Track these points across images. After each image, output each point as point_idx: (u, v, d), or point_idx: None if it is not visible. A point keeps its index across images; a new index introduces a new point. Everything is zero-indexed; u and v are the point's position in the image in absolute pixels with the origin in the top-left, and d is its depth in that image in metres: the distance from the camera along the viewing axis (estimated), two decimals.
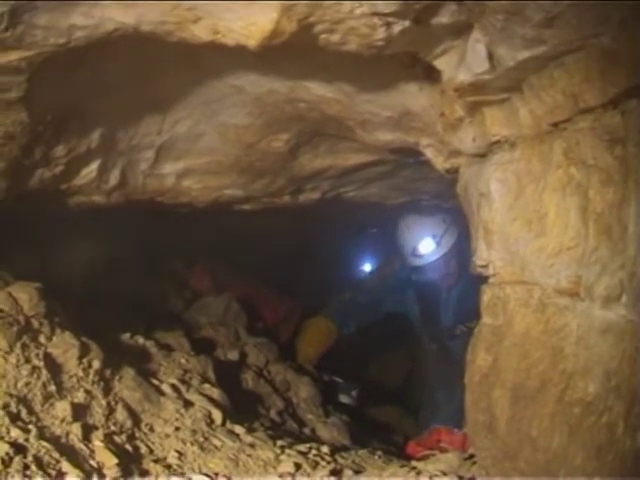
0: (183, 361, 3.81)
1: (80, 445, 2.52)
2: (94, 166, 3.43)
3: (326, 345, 5.93)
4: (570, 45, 2.02)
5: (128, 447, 2.69)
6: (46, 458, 2.29)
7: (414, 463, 3.23)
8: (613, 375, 1.92)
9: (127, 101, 3.18)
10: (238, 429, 3.19)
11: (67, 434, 2.56)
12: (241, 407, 3.70)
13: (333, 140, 3.90)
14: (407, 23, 2.10)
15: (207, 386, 3.57)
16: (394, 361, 6.84)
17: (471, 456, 2.95)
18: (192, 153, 3.76)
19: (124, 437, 2.74)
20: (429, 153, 3.35)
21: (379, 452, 3.59)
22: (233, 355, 4.57)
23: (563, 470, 2.07)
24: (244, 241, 6.65)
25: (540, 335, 2.33)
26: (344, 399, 5.50)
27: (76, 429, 2.58)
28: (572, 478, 2.03)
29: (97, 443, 2.57)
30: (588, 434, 1.98)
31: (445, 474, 2.94)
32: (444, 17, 2.12)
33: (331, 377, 5.66)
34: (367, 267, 7.70)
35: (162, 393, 3.24)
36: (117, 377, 3.08)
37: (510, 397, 2.46)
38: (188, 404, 3.22)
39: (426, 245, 5.40)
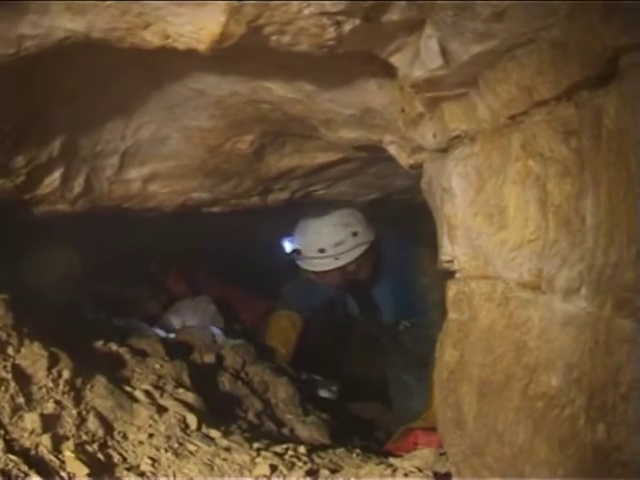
0: (157, 366, 3.78)
1: (50, 456, 2.50)
2: (57, 174, 3.41)
3: (294, 337, 5.84)
4: (520, 38, 2.01)
5: (100, 456, 2.67)
6: (14, 471, 2.27)
7: (391, 460, 3.24)
8: (574, 368, 1.91)
9: (88, 108, 3.17)
10: (214, 433, 3.17)
11: (37, 446, 2.53)
12: (218, 410, 3.68)
13: (299, 140, 3.90)
14: (357, 21, 2.09)
15: (182, 391, 3.55)
16: (373, 357, 6.82)
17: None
18: (157, 157, 3.74)
19: (96, 446, 2.72)
20: (393, 150, 3.35)
21: (357, 450, 3.59)
22: (209, 358, 4.55)
23: (529, 464, 2.07)
24: (220, 242, 6.64)
25: (504, 329, 2.33)
26: (325, 394, 5.47)
27: (46, 440, 2.56)
28: (537, 472, 2.03)
29: (68, 454, 2.55)
30: (551, 428, 1.98)
31: (421, 470, 2.95)
32: (394, 14, 2.10)
33: (310, 375, 5.63)
34: None
35: (135, 400, 3.22)
36: (88, 386, 3.06)
37: (477, 393, 2.46)
38: (162, 410, 3.20)
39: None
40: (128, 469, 2.65)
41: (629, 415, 1.63)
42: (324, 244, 5.20)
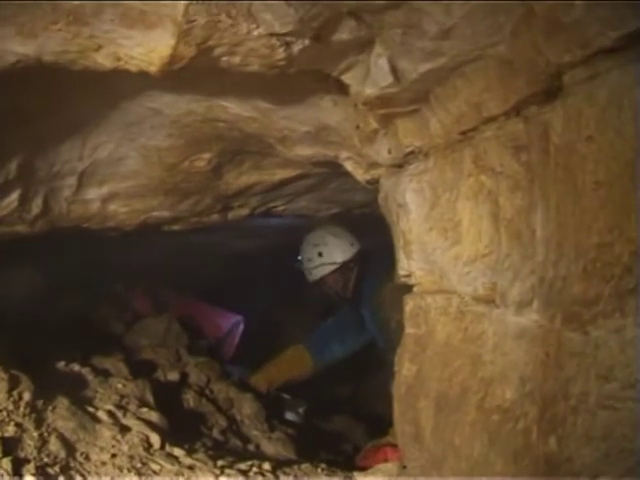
0: (120, 386, 3.76)
1: None
2: (14, 196, 3.39)
3: (295, 375, 5.77)
4: (468, 56, 2.04)
5: (62, 478, 2.65)
6: None
7: (356, 474, 3.25)
8: (527, 381, 1.93)
9: (44, 129, 3.15)
10: (177, 452, 3.15)
11: None
12: (182, 429, 3.66)
13: (257, 157, 3.90)
14: (307, 41, 2.11)
15: (145, 410, 3.53)
16: (342, 373, 6.80)
17: None
18: (116, 177, 3.73)
19: (57, 468, 2.69)
20: (349, 166, 3.37)
21: (322, 465, 3.59)
22: (173, 376, 4.53)
23: (485, 477, 2.09)
24: (185, 259, 6.65)
25: (460, 343, 2.35)
26: (290, 417, 5.43)
27: (6, 464, 2.53)
28: None
29: (29, 477, 2.53)
30: (506, 440, 2.00)
31: None
32: (344, 33, 2.13)
33: (278, 392, 5.62)
34: None
35: (98, 420, 3.19)
36: (50, 407, 3.04)
37: (434, 407, 2.48)
38: (125, 430, 3.18)
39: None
40: None
41: (579, 427, 1.65)
42: (302, 257, 5.48)
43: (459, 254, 2.41)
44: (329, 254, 5.30)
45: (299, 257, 5.47)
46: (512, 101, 2.01)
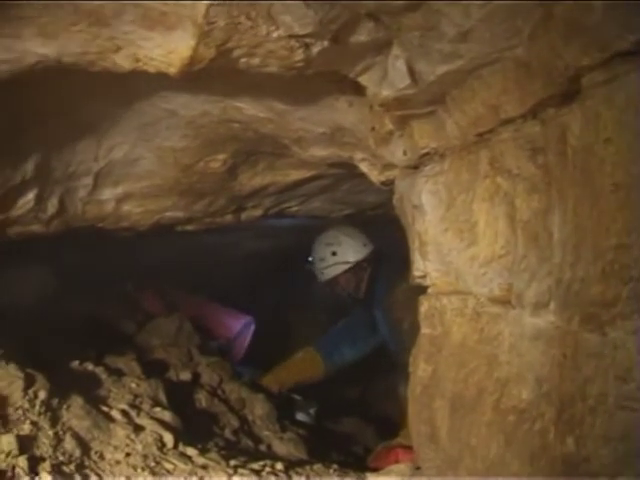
0: (133, 385, 3.77)
1: (27, 478, 2.49)
2: (31, 196, 3.40)
3: (306, 377, 5.76)
4: (486, 58, 2.05)
5: (77, 476, 2.65)
6: None
7: (368, 474, 3.25)
8: (544, 381, 1.94)
9: (60, 129, 3.17)
10: (190, 451, 3.16)
11: (13, 467, 2.51)
12: (194, 428, 3.67)
13: (271, 157, 3.92)
14: (325, 43, 2.12)
15: (158, 409, 3.54)
16: (352, 375, 6.79)
17: None
18: (131, 177, 3.74)
19: (73, 467, 2.70)
20: (364, 167, 3.38)
21: (335, 465, 3.59)
22: (185, 376, 4.54)
23: (501, 478, 2.09)
24: (195, 259, 6.65)
25: (476, 344, 2.36)
26: (301, 417, 5.44)
27: (22, 462, 2.54)
28: None
29: (44, 475, 2.54)
30: (522, 441, 2.00)
31: None
32: (362, 35, 2.14)
33: (289, 393, 5.62)
34: None
35: (112, 419, 3.20)
36: (65, 406, 3.04)
37: (450, 407, 2.48)
38: (139, 429, 3.18)
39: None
40: None
41: (597, 428, 1.66)
42: (313, 257, 5.51)
43: (475, 255, 2.42)
44: (342, 253, 5.31)
45: (310, 258, 5.48)
46: (529, 103, 2.01)
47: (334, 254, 5.31)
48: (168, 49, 2.17)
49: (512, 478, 2.03)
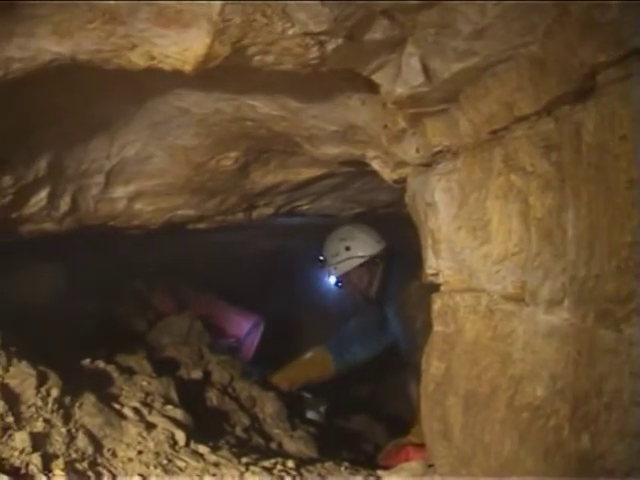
0: (145, 383, 3.78)
1: (40, 475, 2.49)
2: (43, 194, 3.42)
3: (316, 376, 5.77)
4: (500, 55, 2.05)
5: (90, 474, 2.66)
6: None
7: (379, 472, 3.25)
8: (558, 379, 1.94)
9: (73, 128, 3.18)
10: (202, 449, 3.17)
11: (27, 465, 2.52)
12: (206, 426, 3.68)
13: (283, 156, 3.93)
14: (340, 41, 2.12)
15: (170, 407, 3.55)
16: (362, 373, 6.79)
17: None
18: (142, 176, 3.76)
19: (86, 464, 2.71)
20: (376, 165, 3.38)
21: (345, 463, 3.59)
22: (196, 374, 4.55)
23: (515, 474, 2.09)
24: (205, 258, 6.66)
25: (489, 342, 2.36)
26: (311, 415, 5.44)
27: (36, 459, 2.55)
28: None
29: (58, 472, 2.54)
30: (537, 438, 2.00)
31: None
32: (377, 33, 2.14)
33: (299, 391, 5.62)
34: None
35: (124, 417, 3.21)
36: (77, 404, 3.05)
37: (463, 404, 2.48)
38: (151, 427, 3.19)
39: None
40: None
41: (612, 424, 1.66)
42: (325, 254, 5.45)
43: (488, 253, 2.42)
44: (356, 248, 5.29)
45: (321, 256, 5.48)
46: (544, 101, 2.01)
47: (348, 249, 5.28)
48: (183, 47, 2.17)
49: (526, 475, 2.04)
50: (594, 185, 1.80)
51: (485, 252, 2.44)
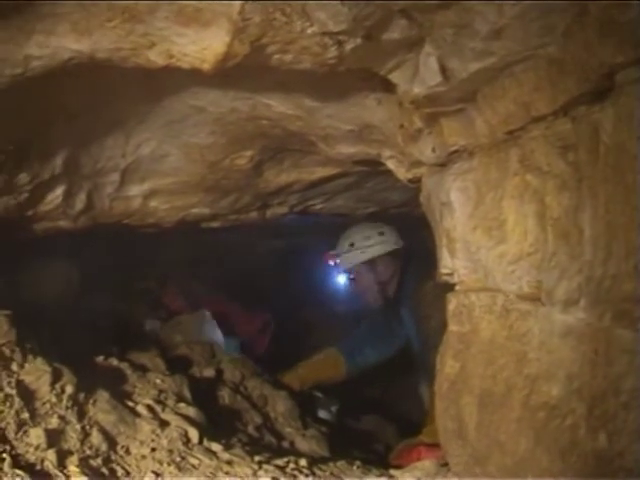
0: (158, 381, 3.79)
1: (55, 471, 2.50)
2: (59, 191, 3.43)
3: (327, 377, 5.75)
4: (518, 56, 2.06)
5: (104, 470, 2.67)
6: None
7: (392, 472, 3.25)
8: (574, 378, 1.94)
9: (89, 126, 3.19)
10: (215, 447, 3.17)
11: (42, 461, 2.53)
12: (218, 424, 3.68)
13: (297, 155, 3.94)
14: (358, 40, 2.13)
15: (183, 405, 3.55)
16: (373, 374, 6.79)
17: (447, 463, 2.97)
18: (157, 174, 3.77)
19: (100, 461, 2.72)
20: (391, 164, 3.38)
21: (358, 462, 3.59)
22: (209, 372, 4.56)
23: (530, 473, 2.10)
24: (217, 256, 6.67)
25: (505, 341, 2.36)
26: (323, 415, 5.43)
27: (51, 455, 2.56)
28: None
29: (72, 468, 2.54)
30: (553, 437, 2.01)
31: None
32: (395, 32, 2.15)
33: (311, 390, 5.63)
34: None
35: (137, 414, 3.22)
36: (91, 401, 3.06)
37: (478, 403, 2.49)
38: (164, 424, 3.20)
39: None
40: None
41: (630, 423, 1.66)
42: (354, 239, 5.32)
43: (504, 253, 2.42)
44: (390, 234, 5.26)
45: (336, 250, 5.43)
46: (561, 101, 2.02)
47: (382, 234, 5.24)
48: (202, 45, 2.18)
49: (542, 474, 2.04)
50: (611, 185, 1.81)
51: (501, 252, 2.44)
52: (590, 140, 1.91)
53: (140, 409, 3.29)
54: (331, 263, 5.47)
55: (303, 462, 3.20)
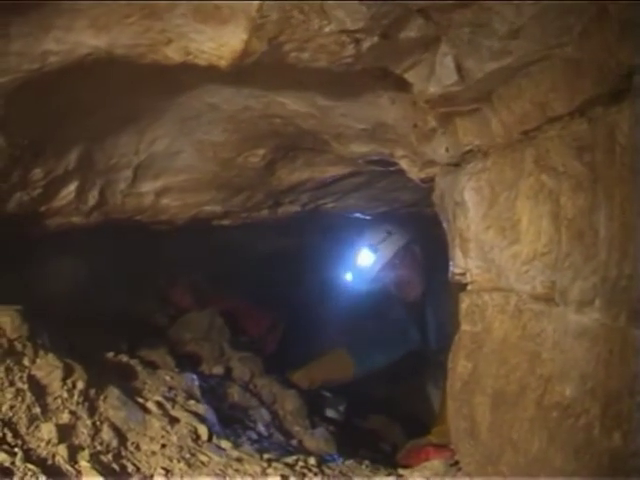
0: (168, 378, 3.81)
1: (66, 466, 2.51)
2: (72, 187, 3.44)
3: (335, 378, 5.73)
4: (535, 56, 2.05)
5: (115, 466, 2.68)
6: None
7: (401, 471, 3.25)
8: (589, 378, 1.94)
9: (103, 122, 3.19)
10: (225, 444, 3.19)
11: (53, 456, 2.54)
12: (227, 422, 3.70)
13: (310, 153, 3.94)
14: (375, 39, 2.13)
15: (192, 402, 3.57)
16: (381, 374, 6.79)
17: (457, 462, 2.97)
18: (170, 171, 3.77)
19: (110, 456, 2.73)
20: (404, 164, 3.38)
21: (366, 461, 3.60)
22: (218, 370, 4.58)
23: (543, 472, 2.10)
24: (227, 255, 6.67)
25: (518, 341, 2.36)
26: (331, 413, 5.44)
27: (62, 450, 2.57)
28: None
29: (83, 463, 2.55)
30: (566, 436, 2.01)
31: None
32: (412, 31, 2.15)
33: (319, 390, 5.63)
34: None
35: (147, 411, 3.23)
36: (102, 397, 3.07)
37: (490, 403, 2.49)
38: (174, 421, 3.22)
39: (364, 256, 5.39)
40: (142, 479, 2.67)
41: None
42: (386, 228, 5.35)
43: (517, 253, 2.42)
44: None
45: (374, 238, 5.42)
46: (577, 101, 2.01)
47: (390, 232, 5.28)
48: (220, 42, 2.19)
49: (555, 473, 2.04)
50: (627, 186, 1.80)
51: (514, 252, 2.44)
52: (606, 141, 1.91)
53: (150, 406, 3.31)
54: (368, 258, 5.43)
55: (312, 461, 3.23)
